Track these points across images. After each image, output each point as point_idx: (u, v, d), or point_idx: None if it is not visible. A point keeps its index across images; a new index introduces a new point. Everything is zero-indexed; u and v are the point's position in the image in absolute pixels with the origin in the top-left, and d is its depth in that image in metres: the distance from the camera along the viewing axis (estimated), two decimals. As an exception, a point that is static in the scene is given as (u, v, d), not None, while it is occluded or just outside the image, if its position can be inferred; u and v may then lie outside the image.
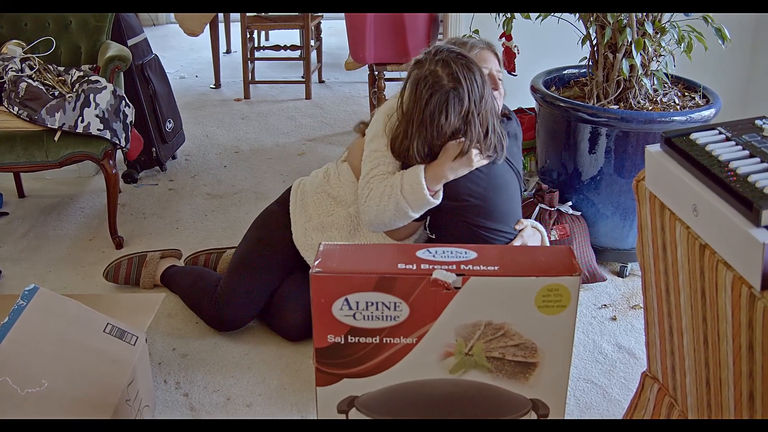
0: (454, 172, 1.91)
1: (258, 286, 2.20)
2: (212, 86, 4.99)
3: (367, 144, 2.02)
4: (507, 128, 2.10)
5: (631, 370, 2.10)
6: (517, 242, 2.02)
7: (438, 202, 1.93)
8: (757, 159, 1.14)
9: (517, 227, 2.06)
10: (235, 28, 5.58)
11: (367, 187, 1.97)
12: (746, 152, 1.17)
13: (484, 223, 1.98)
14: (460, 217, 1.98)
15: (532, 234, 2.08)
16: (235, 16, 5.65)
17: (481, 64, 1.99)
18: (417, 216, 1.94)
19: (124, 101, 2.71)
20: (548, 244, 2.16)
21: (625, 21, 2.33)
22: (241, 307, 2.20)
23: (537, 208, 2.50)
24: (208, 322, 2.25)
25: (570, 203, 2.55)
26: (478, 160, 1.91)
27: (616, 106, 2.47)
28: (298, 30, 5.23)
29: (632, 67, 2.39)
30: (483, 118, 1.90)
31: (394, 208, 1.91)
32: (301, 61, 4.95)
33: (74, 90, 2.68)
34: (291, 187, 2.30)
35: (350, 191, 2.13)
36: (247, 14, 4.70)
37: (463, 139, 1.88)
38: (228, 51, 5.89)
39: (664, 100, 2.51)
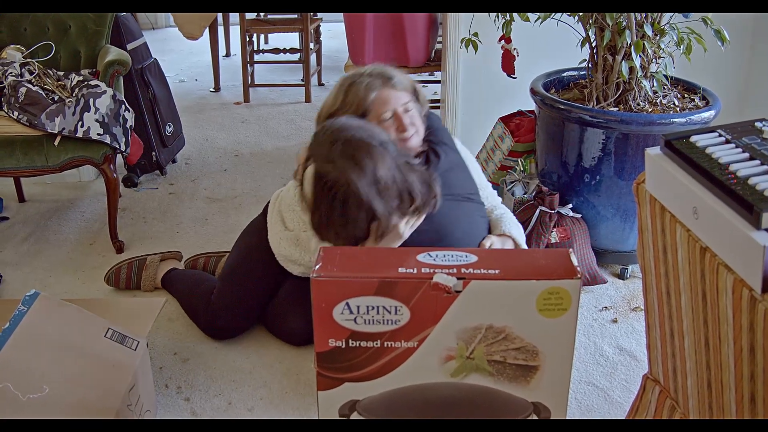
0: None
1: (250, 294, 2.19)
2: (212, 90, 5.00)
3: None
4: (439, 166, 1.94)
5: (633, 373, 2.09)
6: None
7: None
8: (758, 161, 1.14)
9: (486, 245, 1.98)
10: (235, 32, 5.58)
11: None
12: (746, 155, 1.17)
13: None
14: None
15: (501, 245, 1.99)
16: (234, 19, 5.65)
17: (381, 108, 1.89)
18: None
19: (123, 105, 2.71)
20: (524, 246, 2.06)
21: (624, 23, 2.33)
22: (235, 316, 2.20)
23: (537, 211, 2.50)
24: (203, 330, 2.25)
25: (570, 205, 2.54)
26: (406, 228, 1.78)
27: (615, 108, 2.47)
28: (297, 33, 5.23)
29: (632, 69, 2.39)
30: (393, 191, 1.71)
31: None
32: (301, 65, 4.95)
33: (74, 94, 2.68)
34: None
35: None
36: (247, 17, 4.71)
37: (375, 224, 1.73)
38: (227, 54, 5.90)
39: (664, 102, 2.51)
